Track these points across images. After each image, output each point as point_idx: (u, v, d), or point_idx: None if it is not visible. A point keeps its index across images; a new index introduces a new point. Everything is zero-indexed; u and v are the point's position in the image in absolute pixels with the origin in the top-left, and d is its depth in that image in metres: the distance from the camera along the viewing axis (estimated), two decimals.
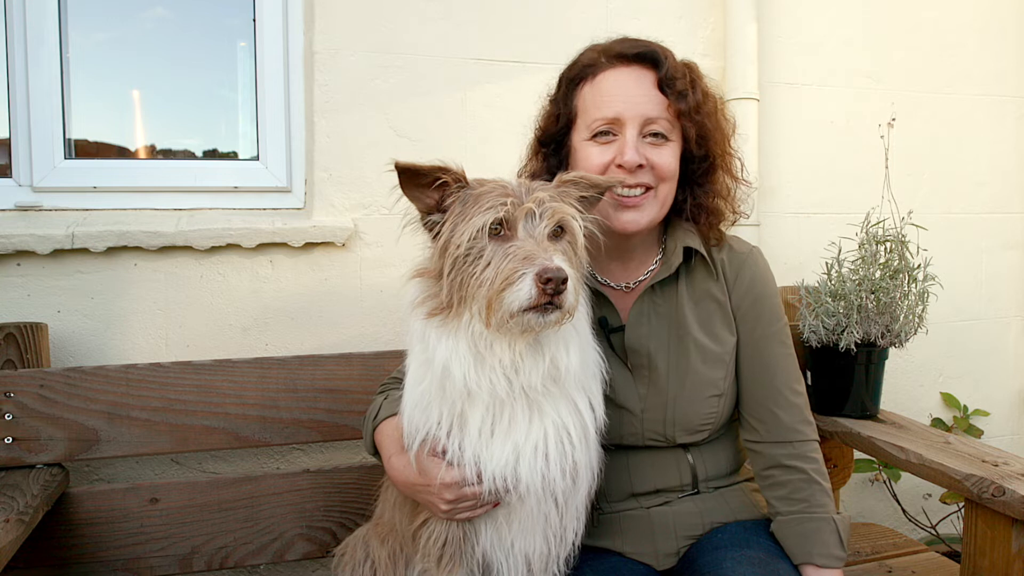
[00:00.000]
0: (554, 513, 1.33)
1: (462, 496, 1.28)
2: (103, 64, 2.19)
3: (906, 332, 1.99)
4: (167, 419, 1.81)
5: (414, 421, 1.32)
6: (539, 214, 1.21)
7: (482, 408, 1.26)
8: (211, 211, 2.16)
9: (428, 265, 1.30)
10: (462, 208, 1.23)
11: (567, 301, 1.16)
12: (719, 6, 2.44)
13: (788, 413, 1.52)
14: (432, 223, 1.29)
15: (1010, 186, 2.83)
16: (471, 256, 1.20)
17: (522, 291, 1.14)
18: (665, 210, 1.53)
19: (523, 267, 1.15)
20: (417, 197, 1.28)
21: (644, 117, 1.45)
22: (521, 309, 1.15)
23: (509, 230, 1.21)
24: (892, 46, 2.64)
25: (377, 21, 2.15)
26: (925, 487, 2.65)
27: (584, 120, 1.50)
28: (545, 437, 1.27)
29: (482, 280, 1.18)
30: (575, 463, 1.29)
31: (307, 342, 2.14)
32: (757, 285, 1.56)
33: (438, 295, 1.25)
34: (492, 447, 1.26)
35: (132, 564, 1.79)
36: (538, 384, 1.25)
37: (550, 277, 1.13)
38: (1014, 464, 1.61)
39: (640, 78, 1.47)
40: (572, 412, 1.30)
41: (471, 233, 1.19)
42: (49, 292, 1.96)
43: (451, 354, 1.23)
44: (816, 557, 1.42)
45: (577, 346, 1.29)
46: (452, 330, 1.23)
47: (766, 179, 2.50)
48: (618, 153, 1.45)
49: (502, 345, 1.22)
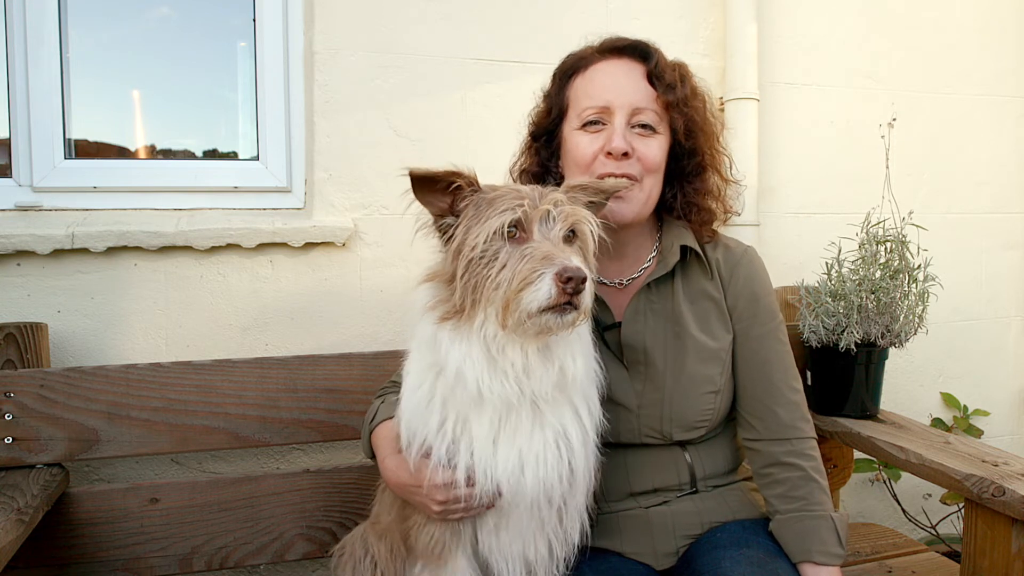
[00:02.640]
0: (554, 517, 1.33)
1: (454, 498, 1.28)
2: (103, 64, 2.19)
3: (906, 332, 1.99)
4: (167, 419, 1.81)
5: (412, 426, 1.31)
6: (554, 217, 1.21)
7: (490, 413, 1.25)
8: (211, 211, 2.16)
9: (440, 269, 1.29)
10: (476, 211, 1.23)
11: (584, 302, 1.16)
12: (719, 6, 2.44)
13: (786, 410, 1.52)
14: (446, 226, 1.28)
15: (1010, 186, 2.83)
16: (486, 258, 1.19)
17: (541, 291, 1.13)
18: (651, 204, 1.54)
19: (542, 267, 1.14)
20: (430, 202, 1.28)
21: (633, 106, 1.48)
22: (540, 309, 1.14)
23: (525, 232, 1.21)
24: (892, 46, 2.64)
25: (377, 21, 2.15)
26: (925, 487, 2.65)
27: (575, 110, 1.53)
28: (545, 444, 1.26)
29: (499, 282, 1.17)
30: (573, 469, 1.29)
31: (307, 342, 2.15)
32: (753, 283, 1.57)
33: (450, 299, 1.24)
34: (498, 454, 1.25)
35: (132, 564, 1.79)
36: (548, 391, 1.24)
37: (571, 276, 1.12)
38: (1014, 464, 1.61)
39: (630, 69, 1.51)
40: (573, 418, 1.30)
41: (487, 235, 1.19)
42: (49, 292, 1.96)
43: (464, 358, 1.22)
44: (814, 555, 1.42)
45: (582, 353, 1.29)
46: (465, 334, 1.22)
47: (766, 179, 2.50)
48: (607, 141, 1.47)
49: (514, 349, 1.22)
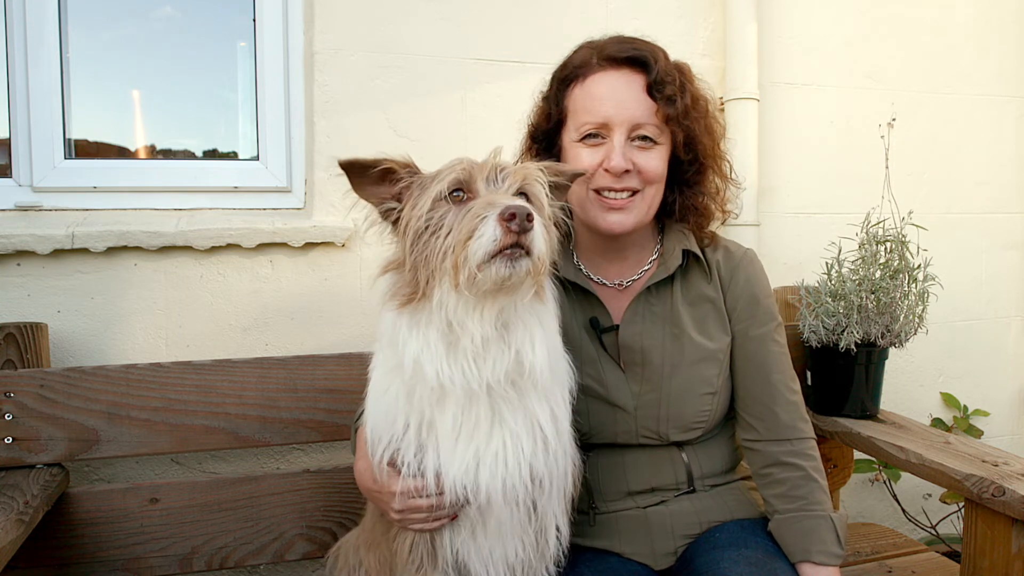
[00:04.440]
0: (528, 520, 1.28)
1: (412, 507, 1.25)
2: (103, 64, 2.19)
3: (906, 332, 1.99)
4: (167, 419, 1.81)
5: (377, 430, 1.27)
6: (501, 176, 1.16)
7: (453, 408, 1.20)
8: (211, 211, 2.16)
9: (393, 256, 1.24)
10: (420, 191, 1.19)
11: (536, 245, 1.09)
12: (719, 6, 2.44)
13: (786, 411, 1.52)
14: (389, 209, 1.25)
15: (1010, 186, 2.83)
16: (431, 227, 1.14)
17: (485, 235, 1.07)
18: (652, 212, 1.53)
19: (484, 211, 1.08)
20: (372, 194, 1.25)
21: (632, 122, 1.45)
22: (488, 255, 1.07)
23: (470, 192, 1.15)
24: (892, 46, 2.64)
25: (377, 21, 2.15)
26: (925, 487, 2.65)
27: (574, 122, 1.51)
28: (504, 445, 1.21)
29: (445, 247, 1.11)
30: (535, 472, 1.23)
31: (307, 342, 2.14)
32: (752, 285, 1.57)
33: (406, 281, 1.19)
34: (455, 452, 1.20)
35: (132, 564, 1.79)
36: (502, 379, 1.17)
37: (514, 212, 1.05)
38: (1014, 464, 1.62)
39: (630, 82, 1.47)
40: (529, 422, 1.24)
41: (429, 203, 1.14)
42: (49, 292, 1.96)
43: (422, 348, 1.16)
44: (814, 555, 1.42)
45: (543, 343, 1.21)
46: (423, 318, 1.17)
47: (766, 179, 2.50)
48: (605, 156, 1.45)
49: (474, 319, 1.15)
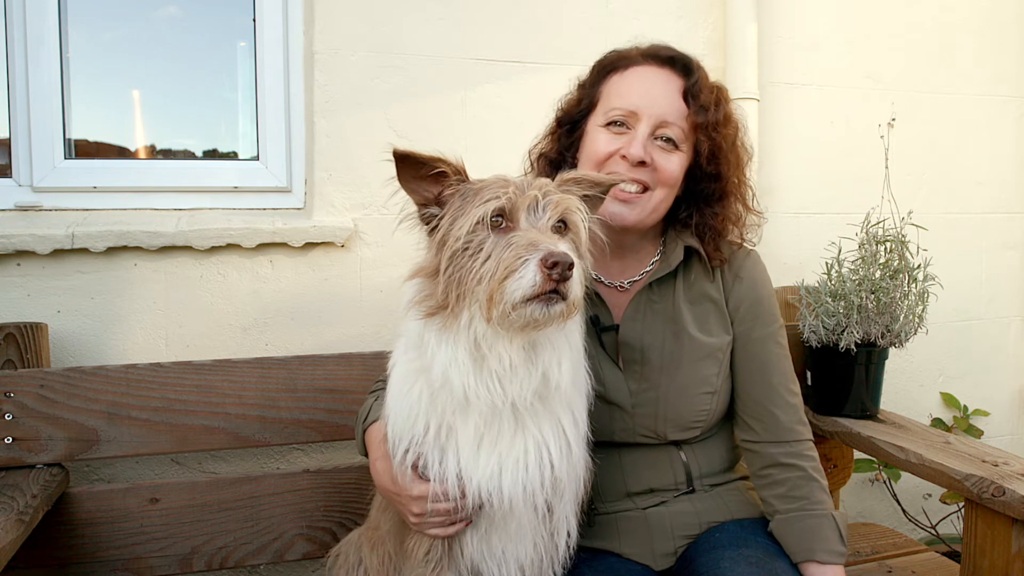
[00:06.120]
0: (541, 521, 1.30)
1: (433, 511, 1.25)
2: (103, 64, 2.19)
3: (906, 332, 1.99)
4: (167, 419, 1.81)
5: (398, 430, 1.27)
6: (542, 205, 1.16)
7: (476, 418, 1.21)
8: (211, 211, 2.16)
9: (425, 263, 1.23)
10: (461, 202, 1.18)
11: (572, 291, 1.10)
12: (719, 6, 2.44)
13: (786, 413, 1.52)
14: (429, 216, 1.24)
15: (1010, 186, 2.83)
16: (470, 250, 1.14)
17: (525, 278, 1.07)
18: (656, 215, 1.52)
19: (526, 253, 1.09)
20: (415, 189, 1.24)
21: (660, 118, 1.46)
22: (524, 298, 1.08)
23: (511, 221, 1.15)
24: (892, 46, 2.64)
25: (377, 21, 2.15)
26: (925, 487, 2.65)
27: (603, 106, 1.52)
28: (526, 451, 1.22)
29: (482, 274, 1.11)
30: (556, 476, 1.25)
31: (307, 342, 2.14)
32: (756, 287, 1.57)
33: (435, 293, 1.19)
34: (478, 458, 1.21)
35: (132, 564, 1.79)
36: (528, 397, 1.19)
37: (556, 261, 1.06)
38: (1014, 464, 1.62)
39: (668, 81, 1.49)
40: (555, 428, 1.25)
41: (470, 225, 1.14)
42: (49, 292, 1.96)
43: (451, 362, 1.17)
44: (818, 553, 1.42)
45: (569, 361, 1.24)
46: (452, 334, 1.17)
47: (766, 179, 2.50)
48: (625, 145, 1.46)
49: (503, 343, 1.16)
